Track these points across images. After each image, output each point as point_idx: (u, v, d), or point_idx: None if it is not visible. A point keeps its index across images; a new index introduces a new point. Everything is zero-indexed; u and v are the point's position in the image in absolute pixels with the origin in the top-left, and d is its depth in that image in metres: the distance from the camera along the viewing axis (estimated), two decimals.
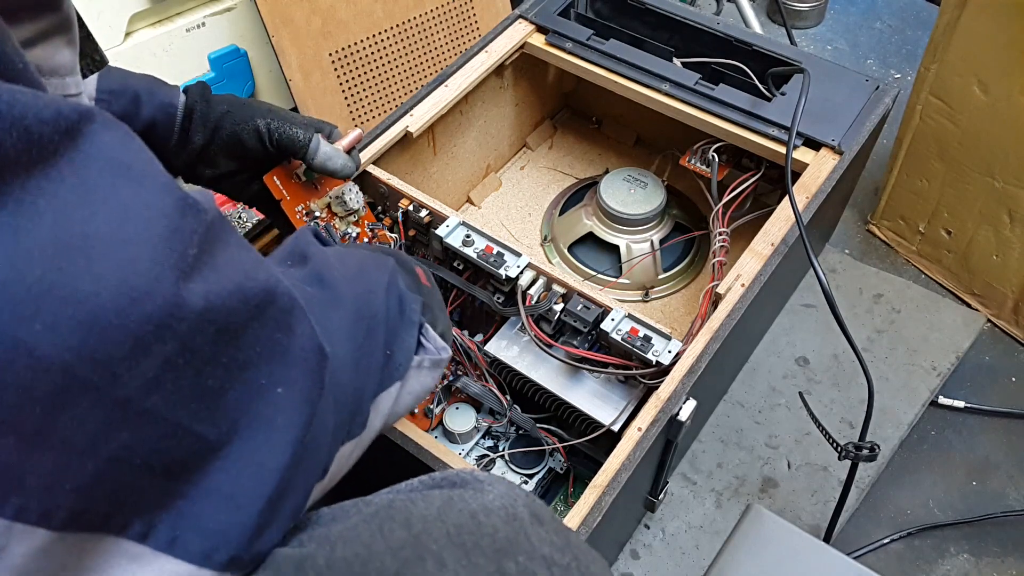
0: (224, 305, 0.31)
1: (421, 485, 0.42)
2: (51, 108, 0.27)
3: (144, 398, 0.28)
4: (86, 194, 0.27)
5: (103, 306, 0.26)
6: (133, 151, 0.30)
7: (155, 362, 0.28)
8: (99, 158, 0.28)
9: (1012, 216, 0.94)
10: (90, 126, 0.28)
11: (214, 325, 0.30)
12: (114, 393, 0.27)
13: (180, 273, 0.29)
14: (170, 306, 0.28)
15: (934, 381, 0.96)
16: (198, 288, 0.30)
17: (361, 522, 0.37)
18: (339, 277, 0.45)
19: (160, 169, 0.31)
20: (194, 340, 0.30)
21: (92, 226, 0.27)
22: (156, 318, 0.28)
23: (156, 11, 1.06)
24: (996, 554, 0.86)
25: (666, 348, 0.70)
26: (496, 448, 0.82)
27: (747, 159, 0.91)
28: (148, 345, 0.28)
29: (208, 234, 0.32)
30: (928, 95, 0.96)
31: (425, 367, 0.51)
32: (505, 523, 0.38)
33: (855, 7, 1.52)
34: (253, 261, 0.34)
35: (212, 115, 0.64)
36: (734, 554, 0.68)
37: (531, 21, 0.97)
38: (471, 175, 1.06)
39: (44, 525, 0.27)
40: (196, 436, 0.31)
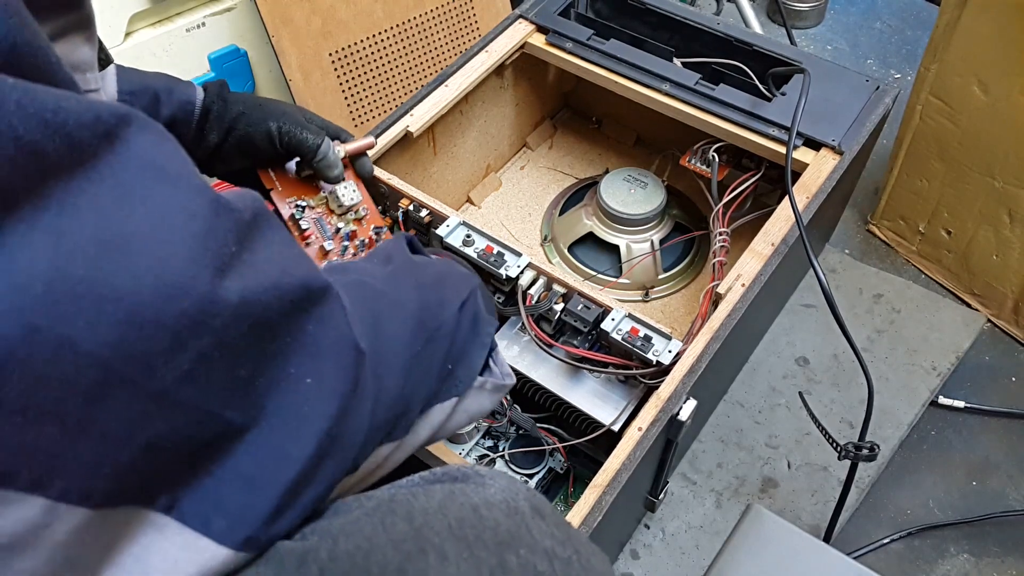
0: (258, 300, 0.32)
1: (422, 480, 0.42)
2: (91, 112, 0.28)
3: (178, 390, 0.29)
4: (124, 195, 0.28)
5: (142, 303, 0.28)
6: (168, 153, 0.31)
7: (190, 356, 0.29)
8: (136, 160, 0.29)
9: (1012, 216, 0.94)
10: (127, 129, 0.29)
11: (248, 320, 0.32)
12: (151, 386, 0.28)
13: (215, 270, 0.30)
14: (205, 303, 0.29)
15: (934, 381, 0.96)
16: (233, 285, 0.31)
17: (363, 515, 0.37)
18: (412, 283, 0.47)
19: (194, 171, 0.32)
20: (228, 334, 0.31)
21: (130, 226, 0.28)
22: (192, 314, 0.29)
23: (156, 11, 1.06)
24: (996, 554, 0.86)
25: (666, 348, 0.70)
26: (496, 448, 0.82)
27: (747, 159, 0.91)
28: (184, 340, 0.29)
29: (245, 232, 0.33)
30: (928, 95, 0.96)
31: (487, 389, 0.51)
32: (506, 516, 0.38)
33: (855, 7, 1.52)
34: (293, 257, 0.35)
35: (227, 116, 0.66)
36: (734, 554, 0.68)
37: (531, 21, 0.97)
38: (471, 175, 1.06)
39: (85, 504, 0.28)
40: (225, 421, 0.32)
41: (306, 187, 0.73)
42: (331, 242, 0.72)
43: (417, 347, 0.44)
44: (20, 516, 0.27)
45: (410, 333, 0.44)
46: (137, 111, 0.30)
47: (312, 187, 0.73)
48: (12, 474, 0.26)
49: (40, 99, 0.26)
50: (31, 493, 0.27)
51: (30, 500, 0.27)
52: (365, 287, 0.43)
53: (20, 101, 0.26)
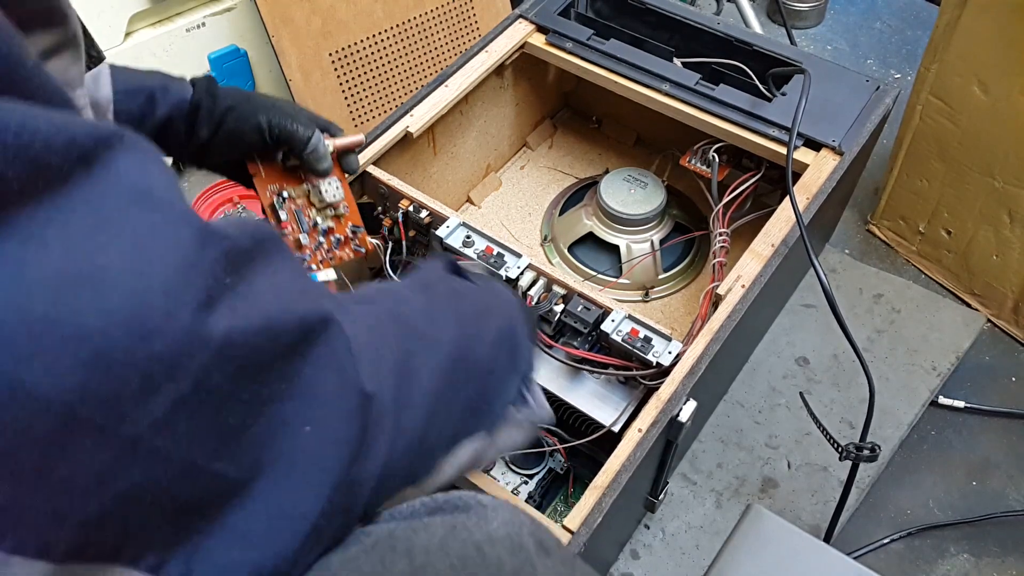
0: (248, 341, 0.29)
1: (423, 508, 0.40)
2: (64, 134, 0.26)
3: (154, 437, 0.27)
4: (99, 223, 0.26)
5: (109, 343, 0.25)
6: (153, 177, 0.29)
7: (166, 400, 0.27)
8: (117, 185, 0.27)
9: (1012, 216, 0.94)
10: (107, 152, 0.27)
11: (235, 361, 0.29)
12: (121, 432, 0.26)
13: (198, 306, 0.28)
14: (182, 343, 0.27)
15: (934, 381, 0.96)
16: (220, 322, 0.28)
17: (362, 553, 0.36)
18: (451, 317, 0.44)
19: (180, 197, 0.30)
20: (211, 377, 0.28)
21: (103, 258, 0.26)
22: (167, 355, 0.27)
23: (156, 11, 1.06)
24: (996, 554, 0.86)
25: (666, 349, 0.70)
26: None
27: (747, 159, 0.91)
28: (158, 383, 0.27)
29: (241, 261, 0.30)
30: (928, 95, 0.96)
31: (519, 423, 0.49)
32: (510, 554, 0.37)
33: (855, 7, 1.52)
34: (296, 290, 0.33)
35: (216, 110, 0.66)
36: (734, 554, 0.68)
37: (531, 21, 0.97)
38: (471, 175, 1.06)
39: (44, 558, 0.26)
40: (214, 475, 0.29)
41: (289, 177, 0.73)
42: (306, 236, 0.72)
43: (447, 387, 0.41)
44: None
45: (442, 373, 0.41)
46: (125, 130, 0.28)
47: (295, 178, 0.73)
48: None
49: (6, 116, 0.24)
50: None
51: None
52: (399, 321, 0.40)
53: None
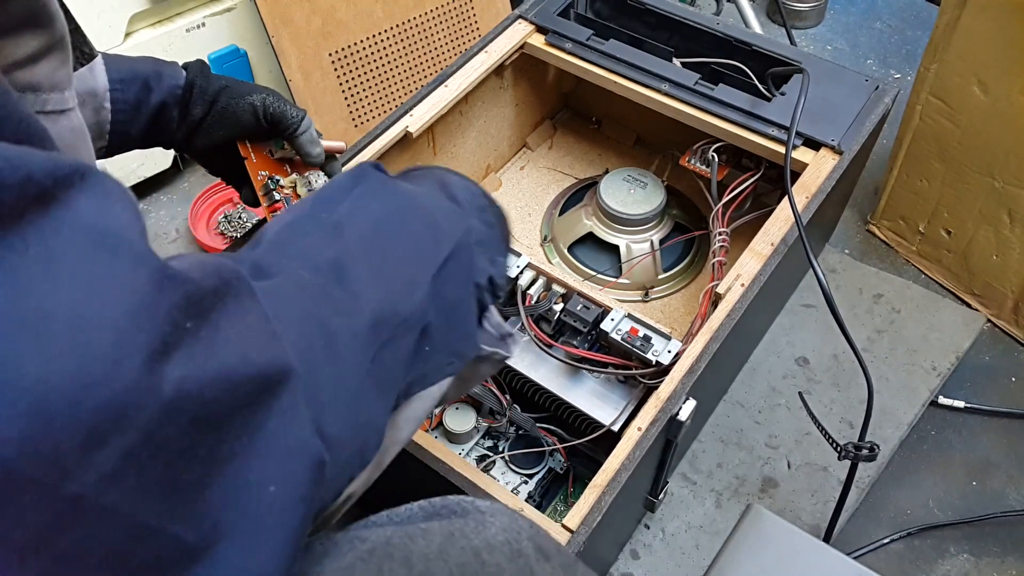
0: (201, 393, 0.27)
1: (421, 513, 0.39)
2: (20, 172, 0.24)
3: (101, 494, 0.25)
4: (50, 266, 0.25)
5: (51, 393, 0.24)
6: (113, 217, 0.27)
7: (113, 454, 0.25)
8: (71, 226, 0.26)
9: (1012, 216, 0.94)
10: (67, 191, 0.26)
11: (188, 414, 0.27)
12: (63, 489, 0.24)
13: (150, 354, 0.26)
14: (130, 393, 0.25)
15: (934, 381, 0.96)
16: (174, 372, 0.26)
17: (358, 560, 0.35)
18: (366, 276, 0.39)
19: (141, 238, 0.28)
20: (162, 430, 0.26)
21: (50, 302, 0.24)
22: (114, 407, 0.25)
23: (156, 11, 1.06)
24: (996, 554, 0.86)
25: (666, 348, 0.70)
26: (496, 448, 0.82)
27: (747, 159, 0.91)
28: (104, 436, 0.25)
29: (204, 305, 0.29)
30: (928, 95, 0.96)
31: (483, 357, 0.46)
32: (510, 560, 0.37)
33: (855, 7, 1.52)
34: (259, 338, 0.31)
35: (210, 89, 0.66)
36: (734, 554, 0.68)
37: (531, 21, 0.97)
38: (471, 175, 1.06)
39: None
40: (170, 537, 0.27)
41: (278, 167, 0.73)
42: None
43: (374, 351, 0.37)
44: None
45: (365, 340, 0.37)
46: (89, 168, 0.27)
47: (284, 169, 0.73)
48: None
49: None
50: None
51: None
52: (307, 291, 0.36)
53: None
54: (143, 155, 1.10)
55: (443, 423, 0.80)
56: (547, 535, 0.40)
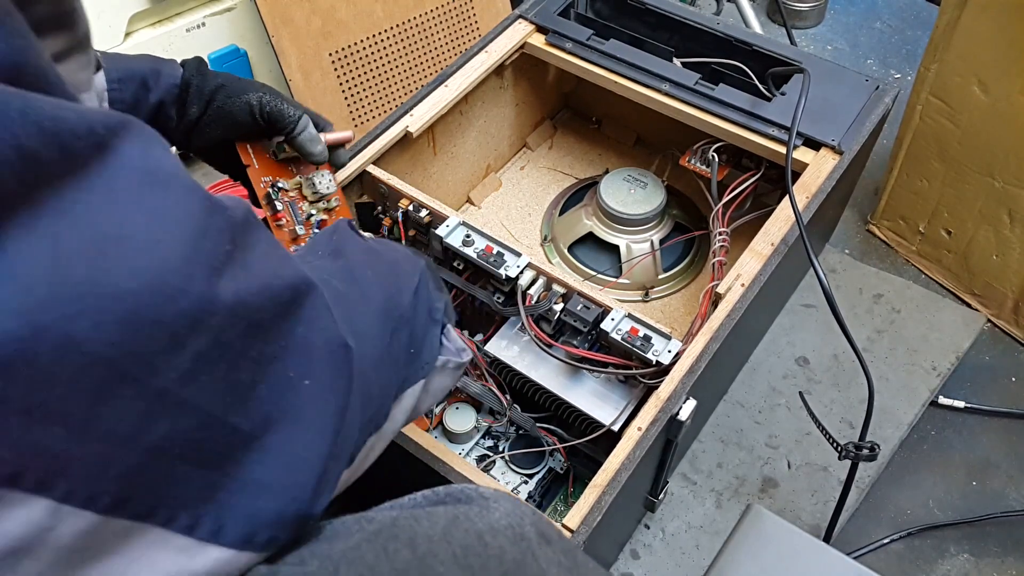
0: (252, 302, 0.32)
1: (425, 500, 0.41)
2: (85, 123, 0.28)
3: (181, 389, 0.30)
4: (116, 200, 0.29)
5: (142, 303, 0.28)
6: (156, 158, 0.31)
7: (190, 355, 0.30)
8: (126, 168, 0.29)
9: (1012, 216, 0.94)
10: (116, 139, 0.29)
11: (244, 320, 0.32)
12: (153, 384, 0.29)
13: (211, 270, 0.30)
14: (203, 302, 0.30)
15: (934, 381, 0.96)
16: (228, 285, 0.31)
17: (364, 540, 0.36)
18: (370, 276, 0.46)
19: (185, 173, 0.32)
20: (225, 334, 0.31)
21: (125, 229, 0.28)
22: (190, 313, 0.29)
23: (156, 11, 1.06)
24: (996, 554, 0.86)
25: (666, 348, 0.70)
26: (496, 448, 0.82)
27: (747, 159, 0.91)
28: (183, 339, 0.29)
29: (237, 233, 0.33)
30: (928, 95, 0.96)
31: (449, 368, 0.51)
32: (512, 543, 0.37)
33: (855, 7, 1.52)
34: (281, 259, 0.36)
35: (207, 88, 0.66)
36: (734, 554, 0.68)
37: (531, 21, 0.97)
38: (471, 175, 1.06)
39: (90, 508, 0.28)
40: (230, 427, 0.32)
41: (282, 169, 0.73)
42: (302, 227, 0.71)
43: (386, 338, 0.44)
44: (25, 518, 0.27)
45: (379, 327, 0.44)
46: (130, 119, 0.31)
47: (288, 170, 0.73)
48: (17, 475, 0.26)
49: (39, 108, 0.27)
50: (36, 494, 0.27)
51: (34, 501, 0.27)
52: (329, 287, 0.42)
53: (22, 109, 0.26)
54: None
55: (443, 423, 0.80)
56: (549, 522, 0.41)
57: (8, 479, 0.26)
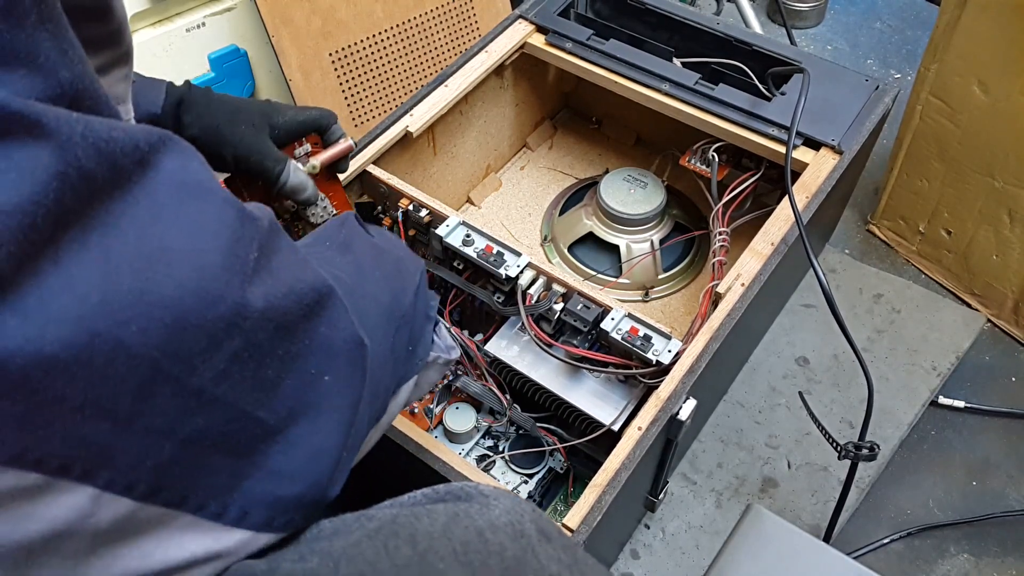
0: (280, 305, 0.34)
1: (424, 498, 0.41)
2: (131, 140, 0.30)
3: (215, 387, 0.32)
4: (159, 214, 0.31)
5: (184, 309, 0.30)
6: (194, 172, 0.33)
7: (225, 356, 0.32)
8: (166, 182, 0.31)
9: (1012, 216, 0.94)
10: (157, 155, 0.31)
11: (272, 323, 0.34)
12: (191, 383, 0.31)
13: (244, 277, 0.33)
14: (238, 307, 0.32)
15: (934, 381, 0.96)
16: (259, 290, 0.33)
17: (364, 538, 0.37)
18: (378, 275, 0.48)
19: (218, 184, 0.34)
20: (256, 336, 0.33)
21: (168, 240, 0.31)
22: (227, 318, 0.32)
23: (156, 11, 1.06)
24: (996, 554, 0.86)
25: (666, 347, 0.70)
26: (496, 448, 0.82)
27: (747, 159, 0.91)
28: (220, 341, 0.32)
29: (264, 240, 0.35)
30: (928, 95, 0.96)
31: (439, 364, 0.53)
32: (512, 540, 0.38)
33: (855, 7, 1.52)
34: (302, 263, 0.38)
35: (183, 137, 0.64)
36: (734, 554, 0.68)
37: (531, 21, 0.97)
38: (471, 175, 1.06)
39: (128, 495, 0.30)
40: (258, 421, 0.34)
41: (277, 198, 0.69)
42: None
43: (390, 337, 0.45)
44: (70, 504, 0.29)
45: (384, 325, 0.45)
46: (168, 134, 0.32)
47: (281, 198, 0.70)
48: (67, 465, 0.28)
49: (96, 130, 0.29)
50: (81, 483, 0.29)
51: (79, 489, 0.29)
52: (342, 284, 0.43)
53: (83, 132, 0.28)
54: None
55: (443, 423, 0.80)
56: (549, 519, 0.41)
57: (59, 469, 0.28)
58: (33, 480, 0.28)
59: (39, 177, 0.27)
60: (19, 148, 0.27)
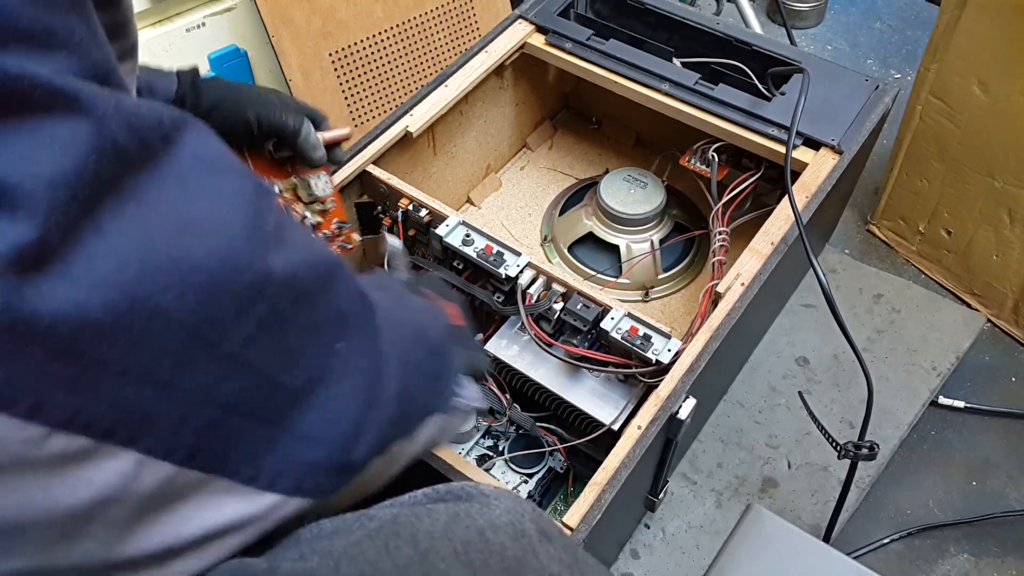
0: (299, 274, 0.36)
1: (425, 498, 0.41)
2: (156, 117, 0.32)
3: (245, 352, 0.33)
4: (185, 187, 0.32)
5: (216, 276, 0.32)
6: (214, 149, 0.35)
7: (252, 321, 0.33)
8: (189, 158, 0.33)
9: (1012, 216, 0.94)
10: (178, 132, 0.33)
11: (293, 291, 0.35)
12: (224, 347, 0.32)
13: (266, 247, 0.34)
14: (263, 274, 0.34)
15: (934, 381, 0.96)
16: (279, 260, 0.35)
17: (365, 537, 0.37)
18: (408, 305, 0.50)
19: (236, 159, 0.36)
20: (280, 303, 0.34)
21: (195, 211, 0.32)
22: (254, 284, 0.33)
23: (156, 11, 1.06)
24: (996, 554, 0.86)
25: (666, 347, 0.70)
26: (496, 448, 0.82)
27: (747, 159, 0.91)
28: (248, 307, 0.33)
29: (278, 213, 0.36)
30: (928, 95, 0.96)
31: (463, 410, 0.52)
32: (513, 540, 0.38)
33: (855, 7, 1.52)
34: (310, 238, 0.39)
35: (201, 106, 0.65)
36: (734, 554, 0.68)
37: (531, 21, 0.97)
38: (471, 175, 1.06)
39: (169, 460, 0.31)
40: (283, 386, 0.35)
41: (278, 170, 0.72)
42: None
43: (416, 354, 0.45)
44: (116, 468, 0.30)
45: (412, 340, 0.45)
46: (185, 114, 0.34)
47: (283, 171, 0.72)
48: (112, 430, 0.30)
49: (126, 106, 0.30)
50: (125, 447, 0.30)
51: (124, 454, 0.30)
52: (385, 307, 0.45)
53: (116, 107, 0.30)
54: None
55: None
56: (549, 519, 0.42)
57: (105, 432, 0.29)
58: (81, 444, 0.29)
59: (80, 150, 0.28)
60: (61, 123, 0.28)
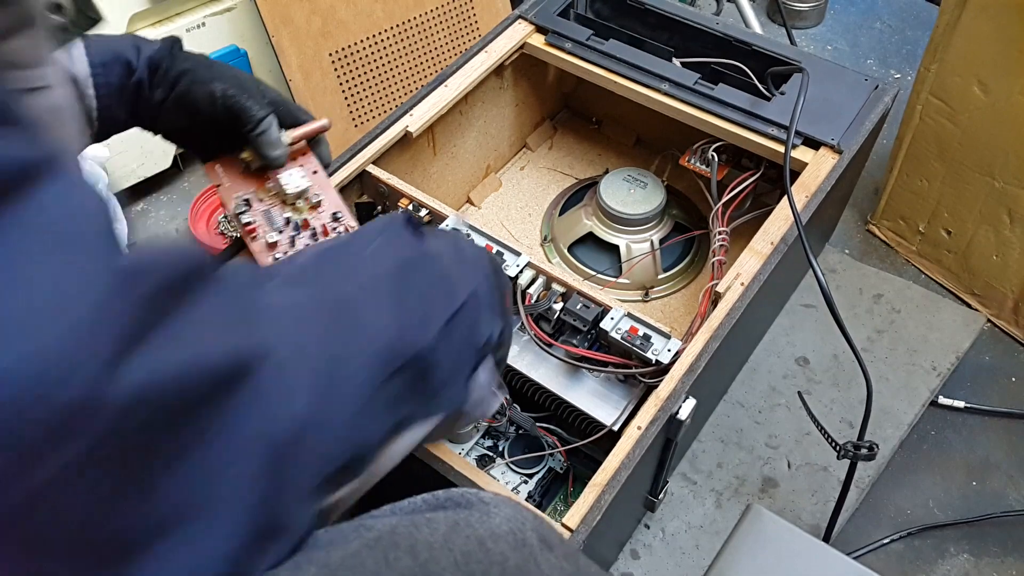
0: (166, 385, 0.28)
1: (425, 505, 0.40)
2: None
3: (66, 483, 0.25)
4: (10, 263, 0.24)
5: (12, 394, 0.24)
6: (77, 210, 0.27)
7: (72, 452, 0.25)
8: (35, 222, 0.25)
9: (1012, 216, 0.94)
10: (30, 183, 0.25)
11: (149, 408, 0.27)
12: (28, 479, 0.25)
13: (111, 354, 0.26)
14: (91, 393, 0.25)
15: (934, 381, 0.96)
16: (139, 368, 0.27)
17: (363, 548, 0.35)
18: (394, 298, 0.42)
19: (107, 231, 0.28)
20: (122, 426, 0.26)
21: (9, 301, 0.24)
22: (74, 406, 0.25)
23: (156, 11, 1.06)
24: (996, 554, 0.86)
25: (665, 347, 0.69)
26: (496, 448, 0.82)
27: (746, 159, 0.91)
28: (64, 435, 0.25)
29: (168, 297, 0.29)
30: (928, 95, 0.96)
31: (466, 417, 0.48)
32: (514, 549, 0.37)
33: (855, 7, 1.52)
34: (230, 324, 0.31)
35: (173, 71, 0.62)
36: (734, 554, 0.68)
37: (531, 21, 0.97)
38: (471, 175, 1.06)
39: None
40: (130, 520, 0.28)
41: (256, 180, 0.70)
42: (274, 234, 0.68)
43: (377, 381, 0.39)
44: None
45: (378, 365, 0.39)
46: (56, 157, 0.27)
47: (261, 179, 0.70)
48: None
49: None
50: None
51: None
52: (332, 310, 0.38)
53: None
54: (143, 155, 1.10)
55: None
56: (550, 526, 0.41)
57: None
58: None
59: None
60: None
